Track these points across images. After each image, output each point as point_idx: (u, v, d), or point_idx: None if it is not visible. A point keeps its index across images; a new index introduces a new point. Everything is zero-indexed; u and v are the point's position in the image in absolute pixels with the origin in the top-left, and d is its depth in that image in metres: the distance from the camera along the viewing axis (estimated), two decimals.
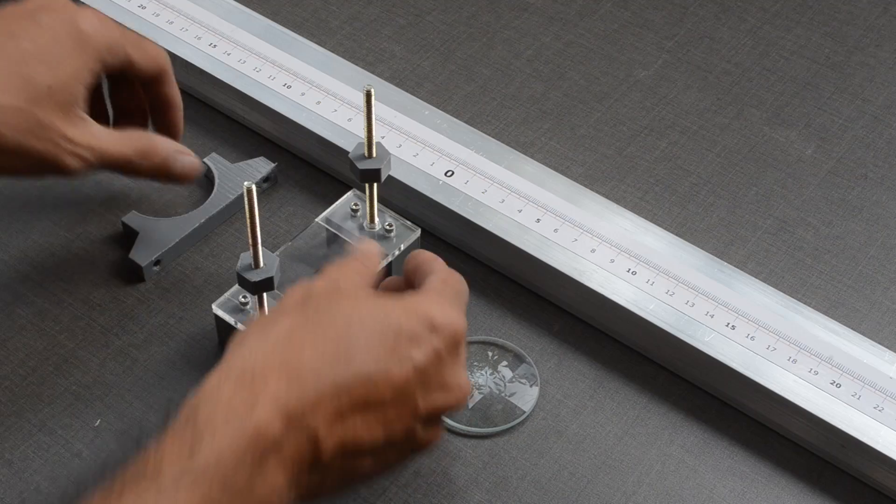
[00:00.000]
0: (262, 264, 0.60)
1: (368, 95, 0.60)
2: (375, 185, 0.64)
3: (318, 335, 0.49)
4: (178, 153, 0.65)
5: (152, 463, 0.45)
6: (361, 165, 0.63)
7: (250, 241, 0.58)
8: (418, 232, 0.67)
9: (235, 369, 0.48)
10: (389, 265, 0.66)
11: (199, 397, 0.47)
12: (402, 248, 0.66)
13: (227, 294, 0.64)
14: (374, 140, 0.62)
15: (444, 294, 0.55)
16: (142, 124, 0.68)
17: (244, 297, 0.63)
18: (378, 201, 0.66)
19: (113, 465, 0.46)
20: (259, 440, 0.46)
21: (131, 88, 0.67)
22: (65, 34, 0.61)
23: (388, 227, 0.66)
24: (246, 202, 0.56)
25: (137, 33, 0.67)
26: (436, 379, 0.51)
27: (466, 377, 0.54)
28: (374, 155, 0.63)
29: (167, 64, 0.66)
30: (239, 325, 0.63)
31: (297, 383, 0.47)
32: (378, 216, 0.66)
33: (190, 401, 0.47)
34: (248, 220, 0.57)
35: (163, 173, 0.65)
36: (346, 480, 0.51)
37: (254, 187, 0.56)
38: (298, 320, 0.50)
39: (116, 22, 0.65)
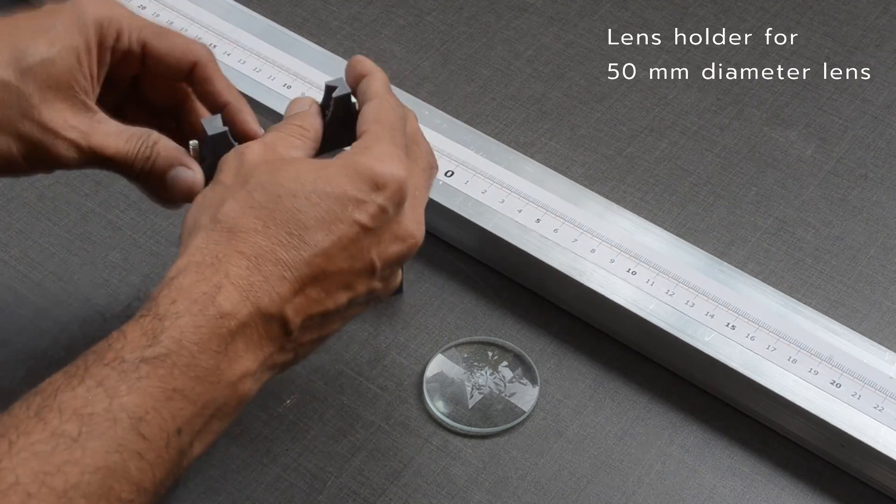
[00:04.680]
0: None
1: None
2: None
3: (265, 218, 0.50)
4: (178, 165, 0.56)
5: (115, 348, 0.46)
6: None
7: None
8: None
9: (194, 260, 0.48)
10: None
11: (160, 290, 0.48)
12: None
13: None
14: None
15: (381, 141, 0.53)
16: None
17: None
18: None
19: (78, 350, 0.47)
20: (225, 325, 0.47)
21: (163, 87, 0.60)
22: (63, 12, 0.55)
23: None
24: None
25: (166, 28, 0.60)
26: (387, 233, 0.52)
27: (417, 222, 0.54)
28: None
29: (203, 57, 0.58)
30: None
31: (256, 269, 0.48)
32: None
33: (151, 293, 0.48)
34: None
35: (150, 182, 0.56)
36: (315, 344, 0.53)
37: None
38: (244, 202, 0.50)
39: (133, 13, 0.58)
